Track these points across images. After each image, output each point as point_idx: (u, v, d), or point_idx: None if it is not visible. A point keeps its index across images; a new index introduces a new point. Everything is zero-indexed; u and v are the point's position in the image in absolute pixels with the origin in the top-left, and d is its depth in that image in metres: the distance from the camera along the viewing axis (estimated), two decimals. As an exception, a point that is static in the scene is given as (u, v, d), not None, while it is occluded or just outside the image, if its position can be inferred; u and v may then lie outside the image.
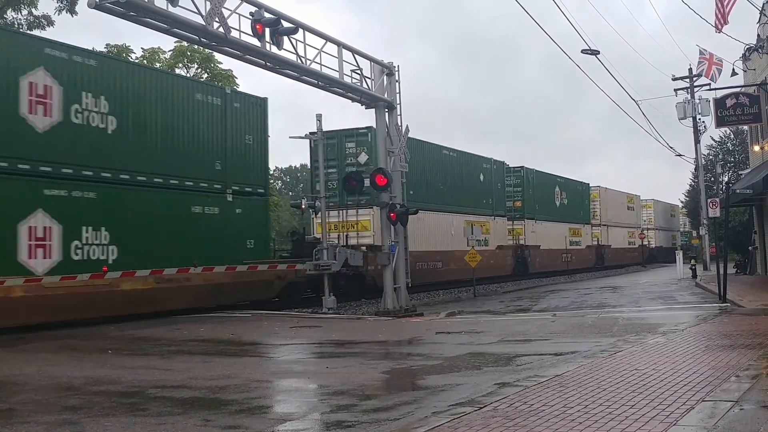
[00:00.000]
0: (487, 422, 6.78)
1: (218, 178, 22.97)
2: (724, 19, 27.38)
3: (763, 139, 30.46)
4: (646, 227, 73.63)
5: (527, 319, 19.11)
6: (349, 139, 29.62)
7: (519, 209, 44.55)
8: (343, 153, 29.49)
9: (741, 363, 9.70)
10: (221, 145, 23.20)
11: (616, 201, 63.96)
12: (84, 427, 7.39)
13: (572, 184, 53.74)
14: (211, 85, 24.76)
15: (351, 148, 29.47)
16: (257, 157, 24.97)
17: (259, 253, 24.18)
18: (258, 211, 24.87)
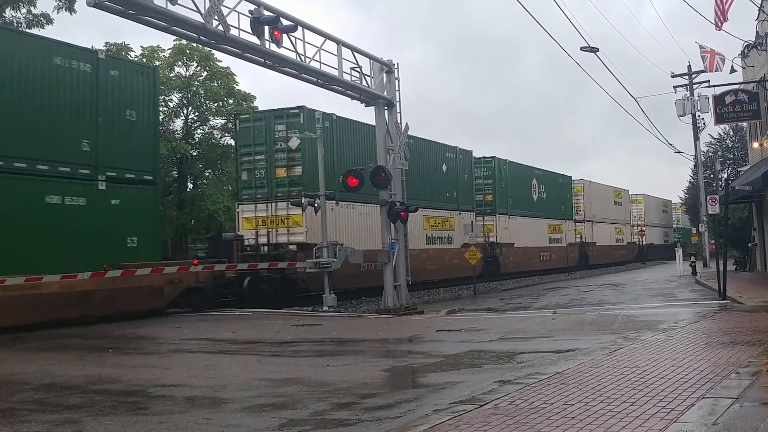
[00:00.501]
0: (488, 420, 6.78)
1: (86, 161, 19.25)
2: (723, 16, 27.38)
3: (762, 136, 30.45)
4: (637, 223, 70.92)
5: (527, 317, 19.11)
6: (279, 121, 26.64)
7: (490, 203, 41.18)
8: (272, 136, 26.62)
9: (741, 360, 9.70)
10: (91, 121, 19.46)
11: (602, 195, 60.81)
12: (85, 426, 7.40)
13: (552, 177, 50.16)
14: (77, 48, 19.66)
15: (281, 131, 26.45)
16: (144, 136, 21.07)
17: (144, 254, 20.51)
18: (144, 203, 20.94)
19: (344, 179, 22.75)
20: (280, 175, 26.64)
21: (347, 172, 23.03)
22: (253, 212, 26.78)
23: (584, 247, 55.31)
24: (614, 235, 63.14)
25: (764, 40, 27.70)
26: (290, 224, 26.12)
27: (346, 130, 28.71)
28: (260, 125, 26.99)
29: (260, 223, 26.53)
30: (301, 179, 26.20)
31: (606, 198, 61.65)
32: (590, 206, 57.10)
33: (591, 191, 57.72)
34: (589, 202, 56.87)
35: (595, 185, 59.21)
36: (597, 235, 58.21)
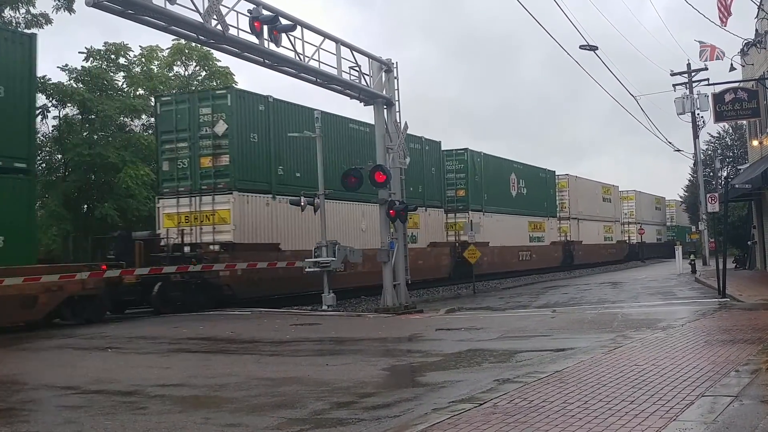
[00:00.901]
0: (487, 419, 6.78)
1: None
2: (727, 11, 27.37)
3: (761, 134, 30.44)
4: (628, 221, 68.28)
5: (527, 316, 19.10)
6: (204, 104, 23.49)
7: (462, 199, 37.61)
8: (196, 121, 23.40)
9: (741, 358, 9.70)
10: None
11: (589, 191, 57.00)
12: (84, 426, 7.39)
13: (533, 171, 46.88)
14: None
15: (206, 114, 23.30)
16: (14, 117, 17.83)
17: (12, 256, 17.08)
18: (14, 196, 17.65)
19: (344, 178, 22.71)
20: (206, 165, 23.38)
21: (346, 171, 23.01)
22: (175, 207, 23.62)
23: (569, 246, 51.64)
24: (603, 234, 59.94)
25: (764, 38, 27.69)
26: (216, 221, 22.92)
27: (286, 114, 25.54)
28: (183, 108, 23.68)
29: (183, 219, 23.38)
30: (228, 169, 23.11)
31: (593, 194, 58.31)
32: (576, 203, 53.67)
33: (577, 187, 54.32)
34: (575, 199, 53.39)
35: (581, 181, 55.85)
36: (584, 233, 54.64)
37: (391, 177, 22.36)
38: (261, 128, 24.12)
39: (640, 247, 67.98)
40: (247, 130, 23.66)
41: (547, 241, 47.88)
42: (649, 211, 75.71)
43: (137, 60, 38.88)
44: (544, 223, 47.51)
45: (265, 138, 24.41)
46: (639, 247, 67.79)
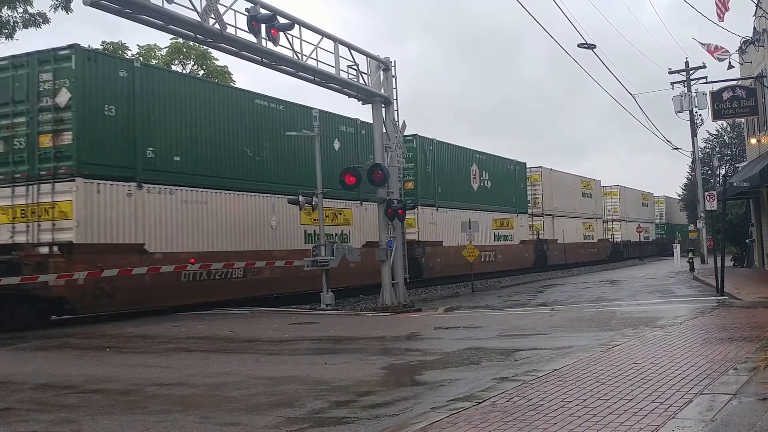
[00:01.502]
0: (486, 417, 6.78)
1: None
2: (725, 6, 27.40)
3: (759, 132, 30.46)
4: (611, 218, 64.49)
5: (525, 314, 19.11)
6: (45, 68, 18.68)
7: (410, 193, 32.24)
8: (35, 89, 18.72)
9: (739, 356, 9.71)
10: None
11: (566, 185, 52.48)
12: (82, 426, 7.38)
13: (499, 163, 42.30)
14: None
15: (47, 81, 18.63)
16: None
17: None
18: None
19: (342, 177, 22.68)
20: (45, 145, 18.71)
21: (345, 170, 22.99)
22: (10, 199, 18.98)
23: (542, 246, 47.33)
24: (582, 231, 55.34)
25: (762, 36, 27.73)
26: (56, 215, 18.34)
27: (162, 83, 21.11)
28: (22, 74, 18.94)
29: (19, 214, 18.76)
30: (71, 150, 18.37)
31: (571, 189, 53.47)
32: (551, 198, 49.37)
33: (552, 181, 49.76)
34: (549, 194, 49.04)
35: (557, 174, 51.21)
36: (560, 231, 50.20)
37: (390, 176, 22.36)
38: (122, 99, 19.47)
39: (624, 246, 64.50)
40: (99, 100, 18.97)
41: (516, 240, 43.21)
42: (635, 208, 70.97)
43: (135, 59, 38.82)
44: (513, 220, 42.86)
45: (128, 111, 19.63)
46: (623, 246, 64.20)
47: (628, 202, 68.30)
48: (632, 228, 66.29)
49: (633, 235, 66.53)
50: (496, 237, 40.89)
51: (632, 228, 66.29)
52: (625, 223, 66.21)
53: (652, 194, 77.09)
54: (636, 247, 68.44)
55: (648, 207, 75.24)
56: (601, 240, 59.86)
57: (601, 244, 59.90)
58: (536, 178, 48.15)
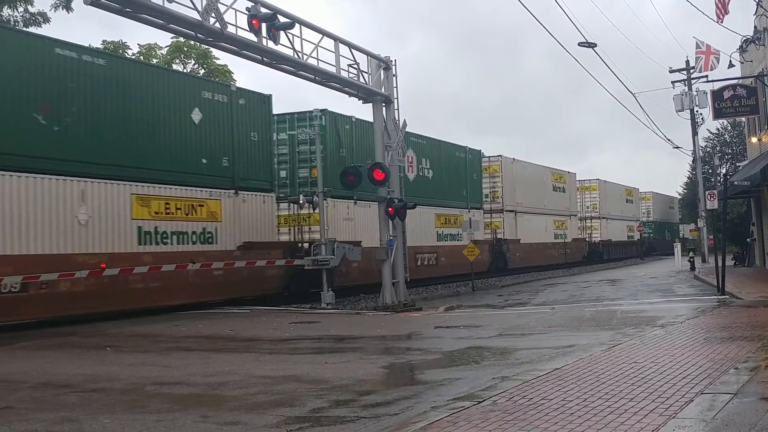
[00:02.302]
0: (486, 416, 6.77)
1: None
2: (724, 8, 27.41)
3: (760, 131, 30.44)
4: (590, 215, 58.92)
5: (526, 313, 19.11)
6: None
7: (309, 183, 26.26)
8: None
9: (740, 355, 9.71)
10: None
11: (532, 178, 46.27)
12: (83, 425, 7.38)
13: (446, 150, 35.63)
14: None
15: None
16: None
17: None
18: None
19: (342, 176, 22.71)
20: None
21: (345, 169, 23.00)
22: None
23: (500, 246, 41.13)
24: (552, 230, 49.33)
25: (762, 35, 27.72)
26: None
27: None
28: None
29: None
30: None
31: (539, 182, 47.43)
32: (514, 192, 43.17)
33: (515, 172, 43.86)
34: (512, 187, 43.02)
35: (520, 164, 44.98)
36: (524, 229, 44.12)
37: (390, 175, 22.35)
38: None
39: (604, 246, 58.89)
40: None
41: (466, 240, 34.92)
42: (618, 204, 64.54)
43: (136, 58, 38.81)
44: (463, 217, 35.67)
45: None
46: (603, 246, 58.58)
47: (610, 198, 62.39)
48: (614, 226, 62.02)
49: (615, 234, 62.29)
50: (440, 236, 34.64)
51: (614, 226, 62.02)
52: (606, 221, 60.65)
53: (637, 189, 71.29)
54: (619, 247, 63.10)
55: (632, 203, 69.21)
56: (576, 240, 53.80)
57: (576, 244, 53.72)
58: (495, 168, 42.10)
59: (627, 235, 64.23)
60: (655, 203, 76.55)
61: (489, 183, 41.45)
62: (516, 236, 43.25)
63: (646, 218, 71.25)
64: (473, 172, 38.88)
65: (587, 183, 59.75)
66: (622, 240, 64.85)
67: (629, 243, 67.24)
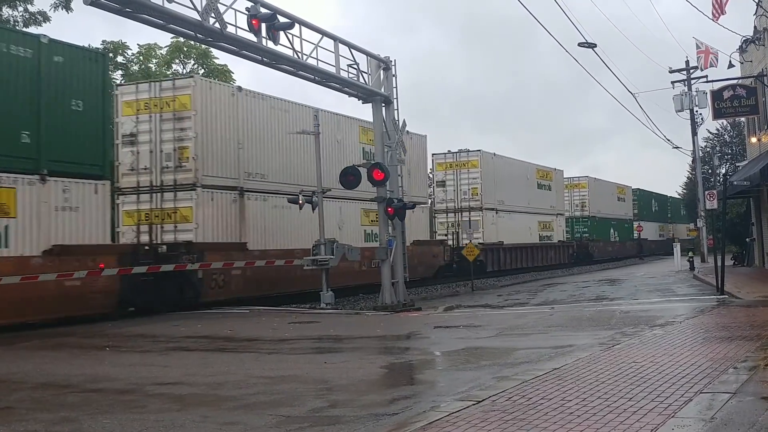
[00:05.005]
0: (486, 416, 6.78)
1: None
2: (721, 9, 27.46)
3: (760, 131, 30.45)
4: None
5: (525, 313, 19.11)
6: None
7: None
8: None
9: (739, 355, 9.71)
10: None
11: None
12: (82, 425, 7.38)
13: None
14: None
15: None
16: None
17: None
18: None
19: (342, 176, 22.67)
20: None
21: (344, 169, 22.98)
22: None
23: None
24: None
25: (762, 35, 27.73)
26: None
27: None
28: None
29: None
30: None
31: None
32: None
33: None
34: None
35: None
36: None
37: (390, 175, 22.34)
38: None
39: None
40: None
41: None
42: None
43: (135, 58, 38.85)
44: None
45: None
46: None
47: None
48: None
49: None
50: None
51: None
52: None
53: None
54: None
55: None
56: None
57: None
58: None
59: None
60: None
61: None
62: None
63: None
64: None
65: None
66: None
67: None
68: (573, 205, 56.23)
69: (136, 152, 22.14)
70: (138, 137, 22.13)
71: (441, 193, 40.09)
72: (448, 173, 39.87)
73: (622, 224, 64.06)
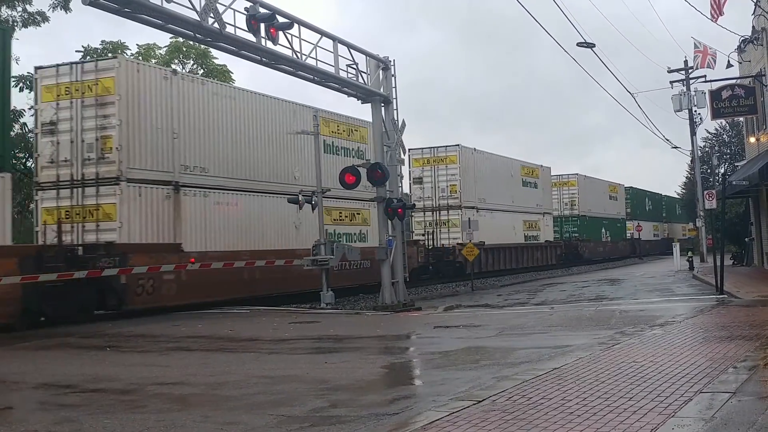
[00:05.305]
0: (486, 416, 6.79)
1: None
2: (719, 9, 27.50)
3: (759, 131, 30.48)
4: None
5: (525, 313, 19.12)
6: None
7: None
8: None
9: (738, 354, 9.72)
10: None
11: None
12: (83, 425, 7.39)
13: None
14: None
15: None
16: None
17: None
18: None
19: (341, 176, 22.65)
20: None
21: (344, 169, 22.97)
22: None
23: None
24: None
25: (760, 35, 27.74)
26: None
27: None
28: None
29: None
30: None
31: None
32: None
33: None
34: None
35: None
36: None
37: (389, 175, 22.36)
38: None
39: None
40: None
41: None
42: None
43: (134, 58, 38.79)
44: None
45: None
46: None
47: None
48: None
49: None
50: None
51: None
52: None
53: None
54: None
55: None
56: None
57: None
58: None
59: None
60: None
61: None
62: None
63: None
64: None
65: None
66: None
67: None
68: (562, 203, 54.15)
69: (56, 143, 20.11)
70: (58, 126, 20.08)
71: (418, 191, 37.76)
72: (426, 169, 37.72)
73: (614, 223, 62.09)
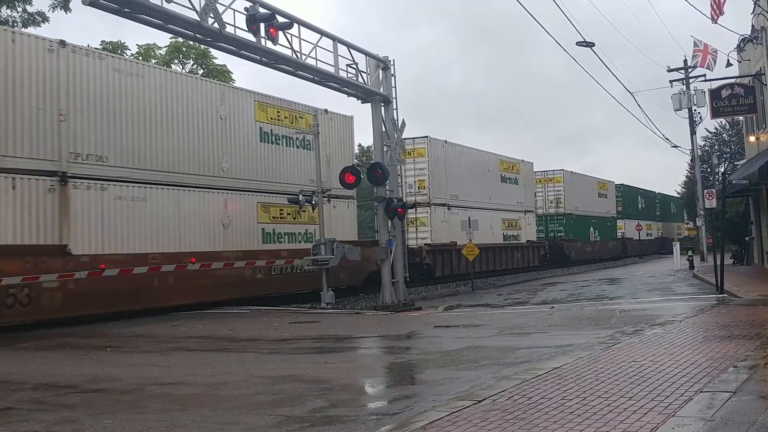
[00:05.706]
0: (486, 415, 6.79)
1: None
2: (719, 9, 27.48)
3: (758, 130, 30.47)
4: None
5: (525, 312, 19.13)
6: None
7: None
8: None
9: (739, 354, 9.72)
10: None
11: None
12: (83, 425, 7.39)
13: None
14: None
15: None
16: None
17: None
18: None
19: (341, 176, 22.67)
20: None
21: (344, 169, 22.99)
22: None
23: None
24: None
25: (760, 34, 27.72)
26: None
27: None
28: None
29: None
30: None
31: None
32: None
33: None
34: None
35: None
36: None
37: (389, 174, 22.36)
38: None
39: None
40: None
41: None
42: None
43: (134, 58, 38.80)
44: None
45: None
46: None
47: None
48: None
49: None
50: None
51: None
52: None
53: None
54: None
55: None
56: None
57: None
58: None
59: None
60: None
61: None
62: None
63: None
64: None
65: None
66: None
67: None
68: (547, 201, 50.61)
69: None
70: None
71: None
72: None
73: (604, 222, 58.48)
